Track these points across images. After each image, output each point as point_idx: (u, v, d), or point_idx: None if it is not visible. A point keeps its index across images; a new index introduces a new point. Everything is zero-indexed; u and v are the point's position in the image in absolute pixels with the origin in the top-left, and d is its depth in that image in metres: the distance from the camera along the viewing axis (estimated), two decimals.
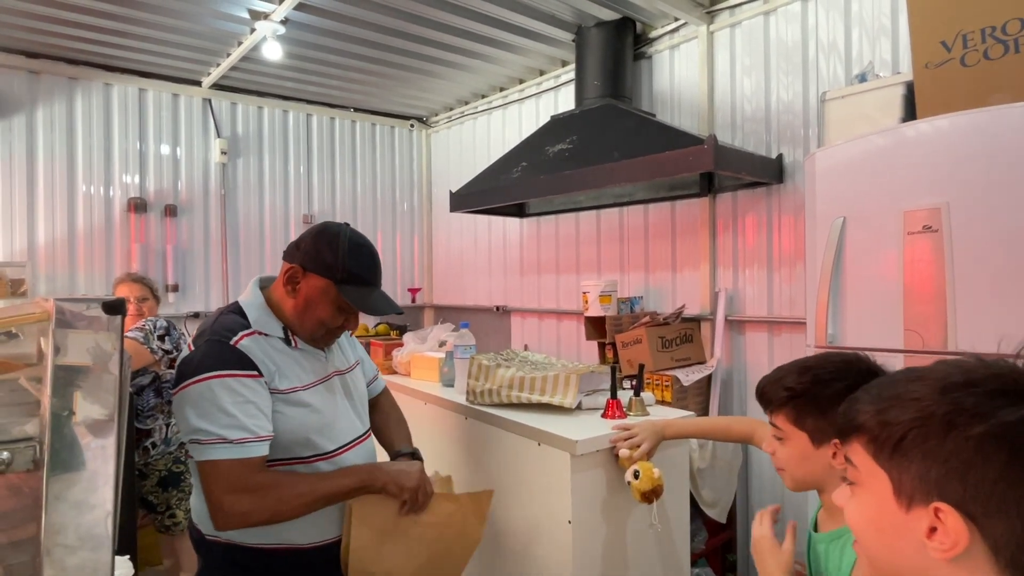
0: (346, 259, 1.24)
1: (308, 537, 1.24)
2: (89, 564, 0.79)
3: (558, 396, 1.60)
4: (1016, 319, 1.53)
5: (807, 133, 2.51)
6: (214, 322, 1.24)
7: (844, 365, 0.91)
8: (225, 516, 1.13)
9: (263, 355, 1.20)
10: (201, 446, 1.12)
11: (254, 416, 1.14)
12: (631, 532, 1.51)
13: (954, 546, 0.50)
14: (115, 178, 3.49)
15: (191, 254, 3.72)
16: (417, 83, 3.82)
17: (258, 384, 1.17)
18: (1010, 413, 0.49)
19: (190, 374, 1.15)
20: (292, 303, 1.26)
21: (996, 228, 1.55)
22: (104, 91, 3.45)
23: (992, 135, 1.55)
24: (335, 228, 1.28)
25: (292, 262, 1.26)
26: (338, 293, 1.24)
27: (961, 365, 0.54)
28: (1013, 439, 0.48)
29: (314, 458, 1.24)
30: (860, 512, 0.58)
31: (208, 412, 1.12)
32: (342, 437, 1.30)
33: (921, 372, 0.56)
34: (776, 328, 2.62)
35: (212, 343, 1.18)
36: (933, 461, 0.51)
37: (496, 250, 4.10)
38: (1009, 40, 1.61)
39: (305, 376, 1.26)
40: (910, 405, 0.53)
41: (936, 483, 0.51)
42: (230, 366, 1.15)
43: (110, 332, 0.77)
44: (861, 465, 0.57)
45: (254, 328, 1.23)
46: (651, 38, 3.06)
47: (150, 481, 2.46)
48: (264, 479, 1.15)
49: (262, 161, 3.98)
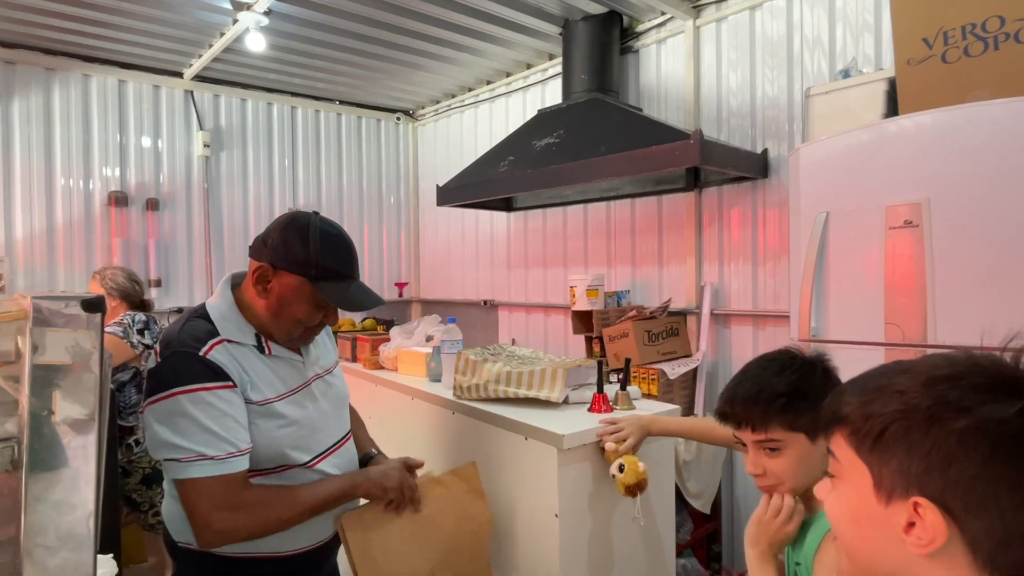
0: (319, 253, 1.14)
1: (288, 545, 1.20)
2: (71, 564, 0.78)
3: (545, 390, 1.61)
4: (994, 313, 1.56)
5: (792, 128, 2.53)
6: (180, 330, 1.15)
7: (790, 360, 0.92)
8: (213, 534, 1.09)
9: (235, 363, 1.13)
10: (180, 464, 1.06)
11: (232, 429, 1.09)
12: (617, 525, 1.52)
13: (932, 541, 0.49)
14: (95, 171, 3.43)
15: (174, 248, 3.67)
16: (403, 76, 3.79)
17: (233, 395, 1.11)
18: (994, 408, 0.48)
19: (160, 388, 1.08)
20: (264, 304, 1.17)
21: (975, 223, 1.57)
22: (83, 82, 3.38)
23: (972, 131, 1.58)
24: (304, 219, 1.18)
25: (260, 260, 1.17)
26: (314, 290, 1.15)
27: (949, 358, 0.53)
28: (995, 434, 0.47)
29: (287, 468, 1.20)
30: (840, 505, 0.57)
31: (183, 428, 1.06)
32: (319, 446, 1.25)
33: (908, 365, 0.55)
34: (761, 322, 2.65)
35: (180, 355, 1.11)
36: (914, 455, 0.50)
37: (483, 244, 4.09)
38: (989, 37, 1.63)
39: (280, 385, 1.20)
40: (894, 397, 0.52)
41: (916, 477, 0.50)
42: (202, 379, 1.08)
43: (90, 330, 0.76)
44: (843, 458, 0.56)
45: (223, 336, 1.14)
46: (638, 32, 3.06)
47: (133, 479, 2.43)
48: (251, 495, 1.11)
49: (246, 154, 3.93)
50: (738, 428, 0.93)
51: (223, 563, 1.17)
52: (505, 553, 1.57)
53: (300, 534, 1.21)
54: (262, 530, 1.12)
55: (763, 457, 0.92)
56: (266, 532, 1.13)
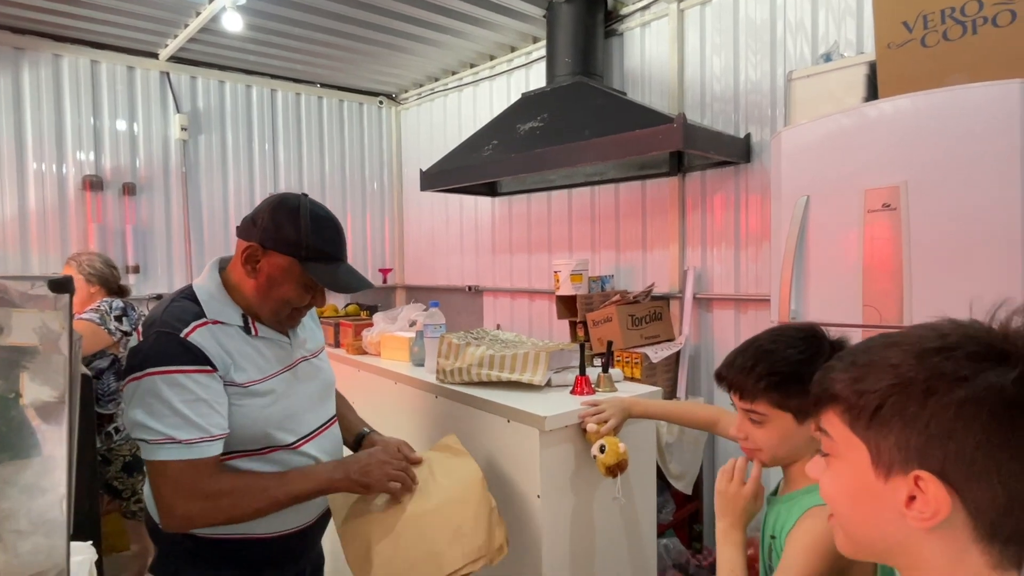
0: (309, 234, 1.16)
1: (271, 527, 1.20)
2: (43, 549, 0.77)
3: (527, 374, 1.61)
4: (968, 295, 1.58)
5: (774, 113, 2.53)
6: (164, 310, 1.15)
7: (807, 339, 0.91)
8: (173, 519, 1.08)
9: (217, 346, 1.12)
10: (149, 445, 1.06)
11: (206, 415, 1.07)
12: (599, 505, 1.53)
13: (935, 514, 0.49)
14: (68, 155, 3.34)
15: (152, 234, 3.60)
16: (386, 58, 3.73)
17: (210, 379, 1.10)
18: (990, 376, 0.47)
19: (137, 367, 1.08)
20: (253, 284, 1.18)
21: (951, 206, 1.59)
22: (53, 62, 3.29)
23: (949, 115, 1.59)
24: (294, 200, 1.18)
25: (250, 239, 1.16)
26: (303, 271, 1.16)
27: (936, 328, 0.53)
28: (994, 403, 0.47)
29: (272, 450, 1.19)
30: (836, 484, 0.56)
31: (155, 410, 1.05)
32: (304, 428, 1.24)
33: (895, 338, 0.54)
34: (743, 305, 2.68)
35: (161, 335, 1.10)
36: (913, 428, 0.49)
37: (468, 229, 4.07)
38: (967, 21, 1.64)
39: (266, 366, 1.19)
40: (887, 372, 0.51)
41: (916, 451, 0.49)
42: (179, 361, 1.07)
43: (58, 311, 0.74)
44: (836, 435, 0.55)
45: (208, 317, 1.14)
46: (622, 15, 3.04)
47: (114, 467, 2.41)
48: (217, 484, 1.09)
49: (225, 138, 3.85)
50: (729, 392, 0.96)
51: (206, 545, 1.17)
52: None
53: (282, 517, 1.20)
54: (226, 519, 1.11)
55: (748, 424, 0.95)
56: (231, 522, 1.12)
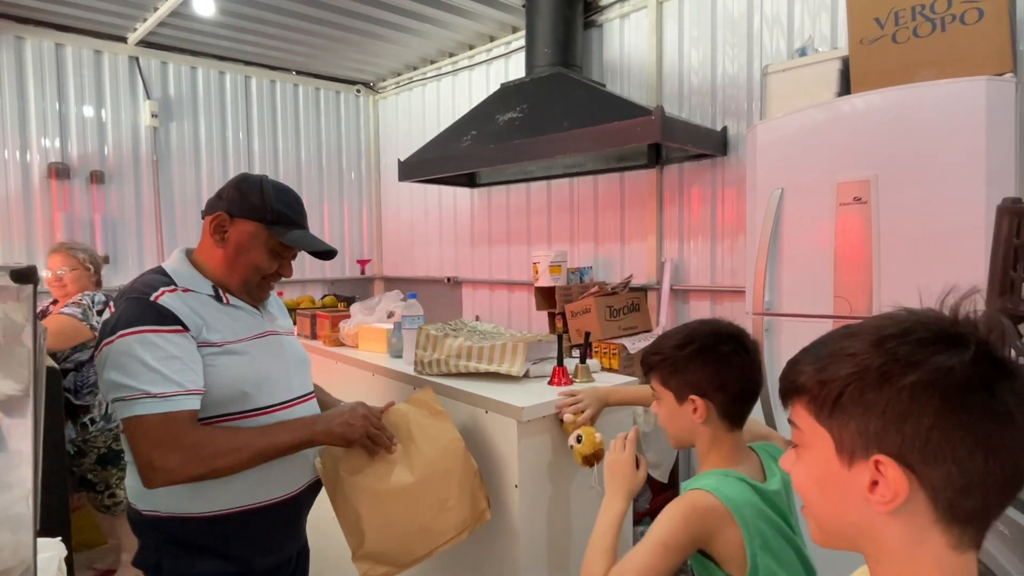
0: (272, 200, 1.22)
1: (256, 496, 1.20)
2: (9, 545, 0.75)
3: (505, 365, 1.61)
4: (934, 285, 1.63)
5: (751, 107, 2.56)
6: (132, 282, 1.20)
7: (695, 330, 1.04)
8: (155, 472, 1.08)
9: (188, 310, 1.15)
10: (124, 403, 1.07)
11: (179, 371, 1.09)
12: (576, 494, 1.55)
13: (895, 497, 0.50)
14: (32, 142, 3.24)
15: (122, 224, 3.51)
16: (363, 46, 3.68)
17: (183, 339, 1.11)
18: (941, 360, 0.49)
19: (108, 333, 1.10)
20: (221, 253, 1.22)
21: (918, 199, 1.63)
22: (16, 45, 3.17)
23: (918, 110, 1.63)
24: (255, 176, 1.27)
25: (216, 211, 1.22)
26: (270, 235, 1.22)
27: (893, 317, 0.55)
28: (944, 385, 0.49)
29: (253, 413, 1.20)
30: (805, 473, 0.58)
31: (129, 368, 1.07)
32: (281, 393, 1.25)
33: (855, 328, 0.56)
34: (718, 297, 2.72)
35: (131, 300, 1.13)
36: (871, 414, 0.51)
37: (447, 220, 4.05)
38: (937, 18, 1.68)
39: (240, 329, 1.22)
40: (846, 361, 0.53)
41: (875, 436, 0.51)
42: (149, 322, 1.10)
43: (21, 302, 0.72)
44: (804, 426, 0.57)
45: (179, 286, 1.17)
46: (601, 6, 3.03)
47: (88, 459, 2.36)
48: (195, 435, 1.10)
49: (197, 125, 3.76)
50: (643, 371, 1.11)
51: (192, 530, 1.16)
52: None
53: (266, 485, 1.20)
54: (211, 471, 1.11)
55: (655, 401, 1.09)
56: (215, 474, 1.11)
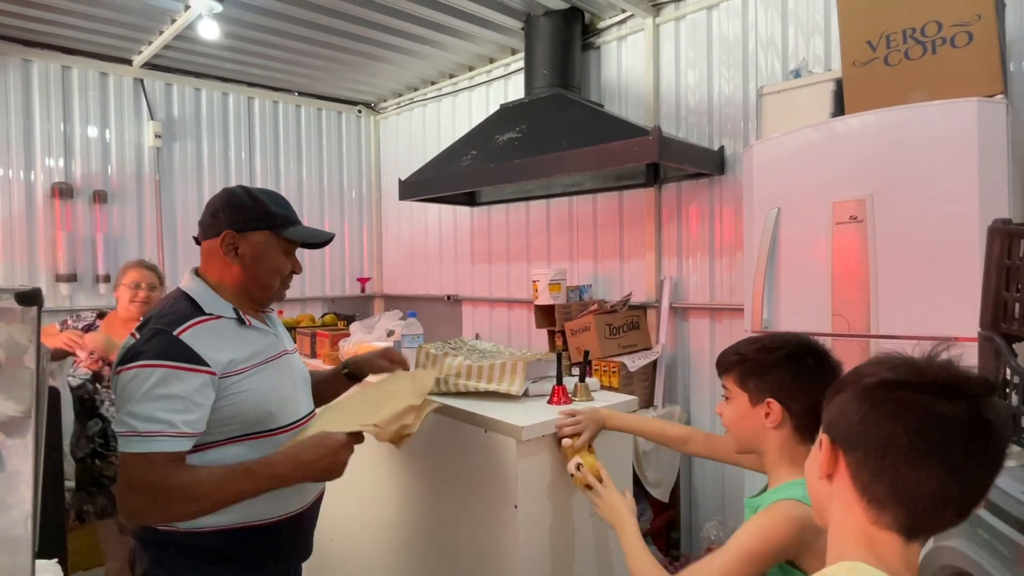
0: (269, 205, 1.25)
1: (272, 512, 1.21)
2: (6, 568, 0.75)
3: (505, 383, 1.62)
4: (932, 305, 1.64)
5: (747, 126, 2.59)
6: (160, 309, 1.20)
7: (783, 338, 1.09)
8: (124, 514, 1.11)
9: (215, 338, 1.16)
10: (121, 438, 1.09)
11: (175, 411, 1.08)
12: (576, 514, 1.54)
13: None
14: (36, 162, 3.27)
15: (124, 243, 3.53)
16: (364, 68, 3.73)
17: (194, 377, 1.11)
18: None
19: (128, 359, 1.12)
20: (239, 269, 1.23)
21: (913, 218, 1.65)
22: (23, 68, 3.22)
23: (911, 131, 1.65)
24: (235, 188, 1.28)
25: (219, 232, 1.23)
26: (279, 238, 1.25)
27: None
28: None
29: (276, 431, 1.23)
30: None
31: (128, 401, 1.09)
32: (296, 412, 1.30)
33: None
34: (717, 314, 2.72)
35: (153, 331, 1.14)
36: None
37: (447, 239, 4.08)
38: (927, 41, 1.71)
39: (262, 352, 1.25)
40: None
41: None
42: (164, 356, 1.10)
43: (25, 324, 0.73)
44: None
45: (208, 313, 1.19)
46: (599, 28, 3.09)
47: None
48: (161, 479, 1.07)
49: (200, 146, 3.80)
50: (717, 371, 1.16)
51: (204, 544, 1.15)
52: (465, 546, 1.58)
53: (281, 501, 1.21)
54: (177, 516, 1.11)
55: (723, 401, 1.12)
56: (182, 519, 1.12)
